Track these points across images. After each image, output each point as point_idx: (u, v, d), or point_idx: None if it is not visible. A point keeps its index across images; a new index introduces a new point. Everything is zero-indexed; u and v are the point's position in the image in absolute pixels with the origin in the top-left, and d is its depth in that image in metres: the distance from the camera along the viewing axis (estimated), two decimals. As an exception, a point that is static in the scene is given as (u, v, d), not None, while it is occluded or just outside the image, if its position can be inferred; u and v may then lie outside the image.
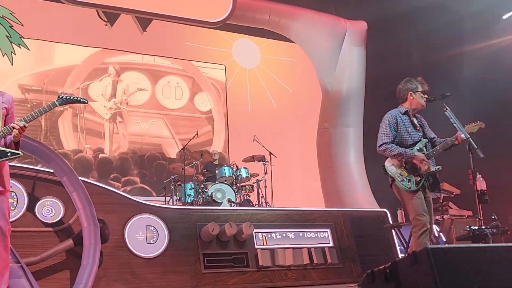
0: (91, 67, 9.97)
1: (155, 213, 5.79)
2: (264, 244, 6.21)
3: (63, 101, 3.76)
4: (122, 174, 9.67)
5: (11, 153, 3.46)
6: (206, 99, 10.80)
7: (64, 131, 9.45)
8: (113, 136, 9.85)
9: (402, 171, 4.75)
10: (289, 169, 10.10)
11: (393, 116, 4.90)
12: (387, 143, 4.79)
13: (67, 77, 9.70)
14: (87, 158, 9.48)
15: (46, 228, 5.15)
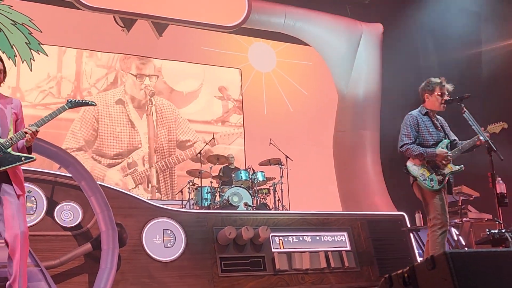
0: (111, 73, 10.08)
1: (172, 217, 5.81)
2: (281, 247, 6.19)
3: (72, 104, 3.81)
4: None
5: (25, 158, 3.51)
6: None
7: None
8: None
9: (424, 171, 4.73)
10: (306, 173, 10.07)
11: (414, 117, 4.89)
12: (408, 143, 4.78)
13: (83, 83, 9.79)
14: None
15: (65, 232, 5.20)
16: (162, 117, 10.25)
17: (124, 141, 9.81)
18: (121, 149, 9.75)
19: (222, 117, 10.77)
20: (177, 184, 9.92)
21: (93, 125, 9.68)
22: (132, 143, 9.88)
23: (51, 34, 9.37)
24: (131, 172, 9.74)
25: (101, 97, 9.86)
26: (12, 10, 9.21)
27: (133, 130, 9.95)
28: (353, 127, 10.58)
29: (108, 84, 9.98)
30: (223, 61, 10.88)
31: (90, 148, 9.54)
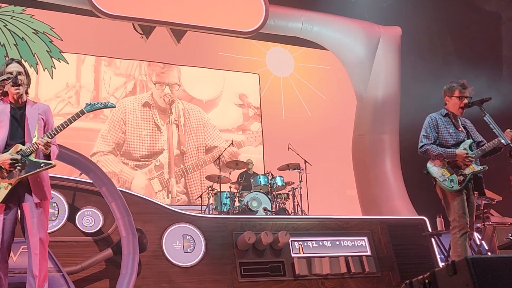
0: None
1: (191, 222, 5.84)
2: (300, 252, 6.17)
3: (91, 107, 3.83)
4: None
5: (45, 164, 3.55)
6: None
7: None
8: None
9: (444, 171, 4.70)
10: (325, 177, 10.04)
11: (433, 119, 4.89)
12: (427, 144, 4.78)
13: (102, 92, 9.88)
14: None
15: (86, 238, 5.25)
16: (190, 122, 10.28)
17: (150, 143, 9.89)
18: (147, 152, 9.81)
19: (242, 125, 10.76)
20: (197, 189, 9.95)
21: (121, 127, 9.77)
22: (158, 145, 9.94)
23: (71, 42, 9.52)
24: (158, 175, 9.80)
25: (128, 100, 9.96)
26: (34, 19, 9.39)
27: (159, 133, 10.01)
28: (372, 131, 10.51)
29: (127, 92, 10.05)
30: (241, 66, 10.91)
31: (120, 151, 9.63)
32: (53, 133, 3.57)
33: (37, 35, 9.37)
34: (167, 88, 10.31)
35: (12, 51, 9.08)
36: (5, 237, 3.43)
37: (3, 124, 3.54)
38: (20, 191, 3.51)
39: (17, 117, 3.61)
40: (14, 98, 3.63)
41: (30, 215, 3.49)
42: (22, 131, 3.59)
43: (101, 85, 9.92)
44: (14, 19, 9.27)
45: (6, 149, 3.50)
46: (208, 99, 10.61)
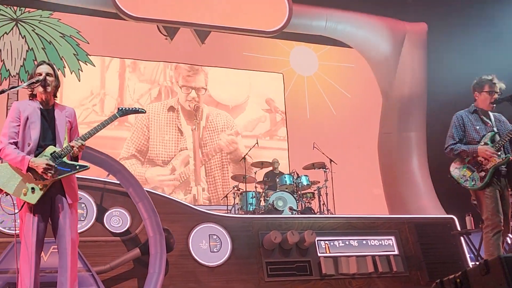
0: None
1: (218, 222, 5.86)
2: (327, 252, 6.14)
3: (123, 112, 3.88)
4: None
5: (79, 166, 3.61)
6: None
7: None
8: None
9: (465, 172, 4.63)
10: (350, 176, 9.96)
11: (459, 117, 4.80)
12: (450, 144, 4.70)
13: (126, 99, 9.95)
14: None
15: (114, 238, 5.32)
16: (215, 127, 10.30)
17: (171, 148, 9.92)
18: (168, 157, 9.85)
19: (270, 131, 10.73)
20: (222, 189, 9.98)
21: (144, 133, 9.84)
22: (182, 150, 9.97)
23: (97, 45, 9.65)
24: (172, 179, 9.83)
25: (154, 106, 10.02)
26: (61, 23, 9.56)
27: (182, 138, 10.04)
28: (399, 129, 10.40)
29: (152, 99, 10.07)
30: (265, 66, 10.90)
31: (144, 157, 9.68)
32: (86, 137, 3.63)
33: (64, 38, 9.54)
34: (193, 92, 10.33)
35: (40, 54, 9.25)
36: (39, 237, 3.49)
37: (35, 125, 3.60)
38: (53, 192, 3.57)
39: (47, 118, 3.67)
40: (43, 99, 3.69)
41: (62, 215, 3.54)
42: (52, 133, 3.65)
43: (125, 92, 9.97)
44: (42, 23, 9.45)
45: (37, 150, 3.56)
46: (235, 105, 10.59)
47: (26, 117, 3.60)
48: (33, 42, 9.31)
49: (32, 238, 3.44)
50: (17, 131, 3.58)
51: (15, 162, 3.47)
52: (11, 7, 9.30)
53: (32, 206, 3.48)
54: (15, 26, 9.28)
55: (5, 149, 3.51)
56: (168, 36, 10.02)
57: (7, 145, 3.52)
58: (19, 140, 3.57)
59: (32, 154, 3.52)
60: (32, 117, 3.61)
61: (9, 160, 3.50)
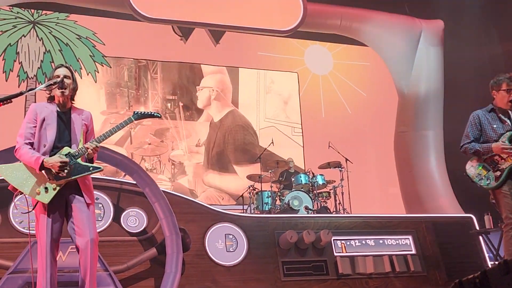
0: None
1: (233, 222, 5.86)
2: (343, 251, 6.11)
3: (139, 116, 3.90)
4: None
5: (93, 168, 3.64)
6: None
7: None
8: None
9: (480, 170, 4.58)
10: (366, 175, 9.91)
11: (475, 116, 4.74)
12: (466, 143, 4.67)
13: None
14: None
15: (131, 238, 5.35)
16: (230, 123, 10.36)
17: (187, 145, 9.98)
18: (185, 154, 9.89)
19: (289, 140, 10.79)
20: (237, 189, 9.99)
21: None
22: (196, 147, 10.04)
23: (112, 46, 9.72)
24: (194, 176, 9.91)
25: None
26: (77, 25, 9.65)
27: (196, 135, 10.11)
28: (415, 127, 10.32)
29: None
30: (280, 65, 10.89)
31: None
32: (101, 139, 3.66)
33: (80, 40, 9.63)
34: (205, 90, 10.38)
35: (57, 56, 9.35)
36: (54, 236, 3.52)
37: (51, 127, 3.64)
38: (67, 192, 3.60)
39: (64, 120, 3.71)
40: (60, 101, 3.72)
41: (79, 216, 3.57)
42: (68, 135, 3.69)
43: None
44: (59, 25, 9.55)
45: (53, 151, 3.60)
46: (253, 113, 10.63)
47: (42, 119, 3.64)
48: (50, 44, 9.41)
49: (46, 238, 3.48)
50: (33, 132, 3.63)
51: (29, 162, 3.52)
52: (28, 10, 9.42)
53: (46, 206, 3.51)
54: (33, 28, 9.39)
55: (21, 149, 3.57)
56: (183, 37, 10.06)
57: (22, 145, 3.57)
58: (35, 141, 3.62)
59: (47, 155, 3.57)
60: (49, 119, 3.65)
61: (24, 159, 3.55)
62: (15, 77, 9.10)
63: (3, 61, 9.08)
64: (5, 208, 5.06)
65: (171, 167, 9.77)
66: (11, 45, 9.17)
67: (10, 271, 4.65)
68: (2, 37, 9.13)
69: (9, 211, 5.06)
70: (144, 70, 10.05)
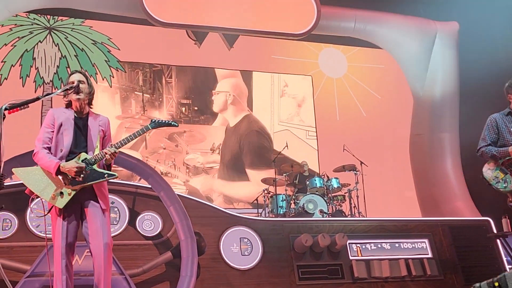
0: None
1: (248, 225, 5.86)
2: (358, 255, 6.07)
3: (155, 124, 3.92)
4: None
5: (108, 175, 3.67)
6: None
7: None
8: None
9: (498, 173, 4.55)
10: (382, 178, 9.85)
11: (493, 120, 4.72)
12: (483, 146, 4.64)
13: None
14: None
15: (146, 241, 5.38)
16: (244, 129, 10.33)
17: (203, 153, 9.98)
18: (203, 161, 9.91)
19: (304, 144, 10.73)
20: (251, 192, 9.98)
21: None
22: (211, 155, 10.03)
23: (127, 51, 9.79)
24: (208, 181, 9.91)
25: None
26: (92, 30, 9.75)
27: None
28: (431, 130, 10.23)
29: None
30: (294, 69, 10.88)
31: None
32: (118, 146, 3.69)
33: (96, 45, 9.72)
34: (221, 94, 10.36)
35: (73, 62, 9.45)
36: (69, 240, 3.56)
37: (68, 132, 3.68)
38: (82, 197, 3.63)
39: (80, 126, 3.74)
40: (77, 107, 3.76)
41: (94, 220, 3.60)
42: (85, 141, 3.73)
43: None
44: (74, 31, 9.65)
45: (69, 156, 3.64)
46: (267, 116, 10.60)
47: (60, 124, 3.69)
48: (65, 49, 9.51)
49: (62, 242, 3.52)
50: (50, 137, 3.67)
51: (47, 166, 3.57)
52: (44, 16, 9.53)
53: (61, 210, 3.55)
54: (49, 34, 9.50)
55: (39, 153, 3.63)
56: (197, 41, 10.10)
57: (40, 149, 3.63)
58: (52, 146, 3.67)
59: (64, 160, 3.61)
60: (66, 124, 3.69)
61: (41, 164, 3.61)
62: (31, 82, 9.21)
63: (20, 66, 9.20)
64: (22, 212, 5.12)
65: (186, 171, 9.80)
66: (28, 51, 9.29)
67: (28, 275, 4.70)
68: (19, 43, 9.25)
69: (26, 215, 5.12)
70: (159, 74, 10.10)
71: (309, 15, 9.77)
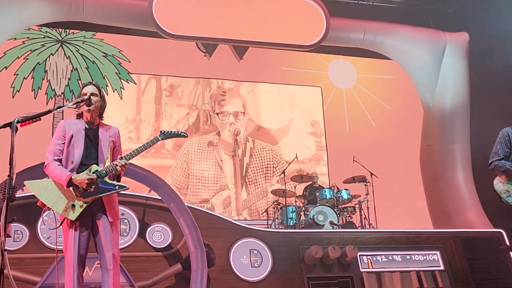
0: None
1: (258, 237, 5.85)
2: (369, 267, 6.03)
3: (165, 135, 3.93)
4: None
5: (119, 186, 3.68)
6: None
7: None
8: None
9: (509, 187, 4.52)
10: (392, 189, 9.78)
11: (505, 133, 4.70)
12: (495, 160, 4.59)
13: (163, 125, 9.82)
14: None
15: (156, 253, 5.38)
16: (260, 162, 10.10)
17: (210, 187, 9.69)
18: (207, 196, 9.64)
19: (315, 155, 10.50)
20: (262, 203, 9.95)
21: (184, 169, 9.63)
22: (218, 188, 9.75)
23: (138, 63, 9.86)
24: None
25: (192, 141, 9.85)
26: (103, 43, 9.85)
27: (221, 174, 9.81)
28: (441, 141, 10.17)
29: (190, 124, 9.93)
30: (304, 80, 10.88)
31: (185, 196, 9.40)
32: (128, 157, 3.70)
33: (106, 58, 9.81)
34: (231, 117, 10.14)
35: (84, 74, 9.54)
36: (81, 252, 3.57)
37: (78, 144, 3.70)
38: (94, 209, 3.65)
39: (91, 137, 3.77)
40: (88, 118, 3.79)
41: (103, 232, 3.62)
42: (95, 152, 3.74)
43: (162, 117, 9.82)
44: (86, 43, 9.76)
45: (80, 168, 3.66)
46: (277, 128, 10.43)
47: (70, 136, 3.71)
48: (77, 62, 9.60)
49: (73, 254, 3.53)
50: (61, 149, 3.69)
51: (58, 178, 3.58)
52: (56, 29, 9.65)
53: (73, 222, 3.57)
54: (60, 47, 9.61)
55: (50, 165, 3.64)
56: (207, 53, 10.16)
57: (51, 162, 3.64)
58: (63, 158, 3.69)
59: (75, 172, 3.63)
60: (77, 136, 3.71)
61: (53, 176, 3.62)
62: (43, 95, 9.30)
63: (32, 79, 9.30)
64: (33, 223, 5.15)
65: (196, 183, 9.69)
66: (40, 63, 9.39)
67: (38, 286, 4.71)
68: (31, 56, 9.36)
69: (37, 226, 5.15)
70: (169, 85, 10.10)
71: (318, 26, 9.81)
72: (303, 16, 9.90)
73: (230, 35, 9.57)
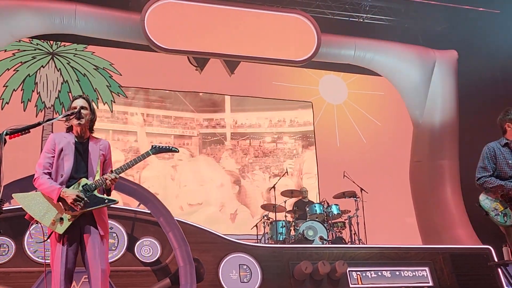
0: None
1: (247, 252, 5.82)
2: (359, 283, 6.02)
3: (156, 150, 3.91)
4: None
5: (108, 200, 3.65)
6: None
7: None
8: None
9: (497, 205, 4.50)
10: (382, 205, 9.80)
11: (491, 149, 4.66)
12: (485, 176, 4.56)
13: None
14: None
15: (144, 268, 5.34)
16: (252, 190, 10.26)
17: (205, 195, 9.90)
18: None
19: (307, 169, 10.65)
20: (251, 219, 9.94)
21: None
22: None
23: (129, 77, 9.86)
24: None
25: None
26: (95, 56, 9.84)
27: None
28: (430, 157, 10.24)
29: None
30: (294, 95, 10.94)
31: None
32: (118, 171, 3.68)
33: (97, 71, 9.80)
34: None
35: (75, 87, 9.51)
36: (68, 266, 3.53)
37: (68, 158, 3.68)
38: (82, 223, 3.61)
39: (81, 151, 3.74)
40: (78, 132, 3.77)
41: (92, 246, 3.58)
42: (85, 166, 3.72)
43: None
44: (77, 56, 9.75)
45: (70, 182, 3.63)
46: (268, 148, 10.57)
47: (60, 149, 3.68)
48: (68, 74, 9.58)
49: (61, 268, 3.49)
50: (51, 162, 3.67)
51: (48, 192, 3.55)
52: (47, 41, 9.63)
53: (61, 236, 3.53)
54: (51, 59, 9.59)
55: (39, 178, 3.61)
56: (198, 67, 10.19)
57: (41, 175, 3.61)
58: (53, 171, 3.65)
59: (64, 185, 3.60)
60: (66, 150, 3.69)
61: (42, 189, 3.59)
62: (33, 107, 9.25)
63: (22, 91, 9.26)
64: (20, 237, 5.09)
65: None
66: (30, 75, 9.36)
67: (24, 301, 4.65)
68: (21, 68, 9.33)
69: (24, 240, 5.09)
70: (161, 99, 10.10)
71: (309, 42, 9.88)
72: (294, 32, 9.98)
73: (221, 49, 9.61)
